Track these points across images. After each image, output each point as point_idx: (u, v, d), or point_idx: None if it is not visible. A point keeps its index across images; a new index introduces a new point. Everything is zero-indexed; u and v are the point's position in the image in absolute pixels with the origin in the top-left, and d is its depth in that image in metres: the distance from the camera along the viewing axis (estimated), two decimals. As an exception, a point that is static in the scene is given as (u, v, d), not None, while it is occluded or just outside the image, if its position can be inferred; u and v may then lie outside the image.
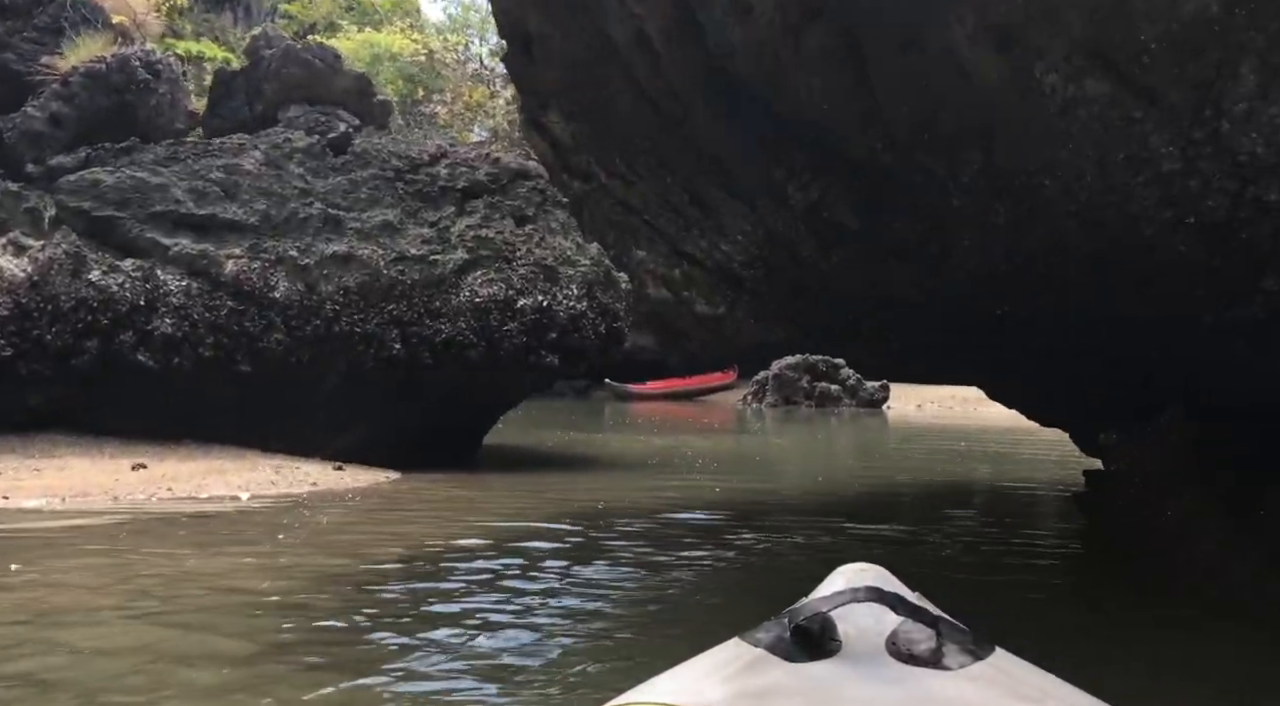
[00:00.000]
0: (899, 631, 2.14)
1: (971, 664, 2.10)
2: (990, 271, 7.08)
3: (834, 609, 2.17)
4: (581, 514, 9.15)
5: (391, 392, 12.35)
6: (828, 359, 33.51)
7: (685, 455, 15.39)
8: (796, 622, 2.14)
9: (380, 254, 12.47)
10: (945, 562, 7.67)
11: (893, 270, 7.89)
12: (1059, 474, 14.15)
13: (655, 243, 10.77)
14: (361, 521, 8.64)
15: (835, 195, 7.38)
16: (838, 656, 2.10)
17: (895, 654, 2.10)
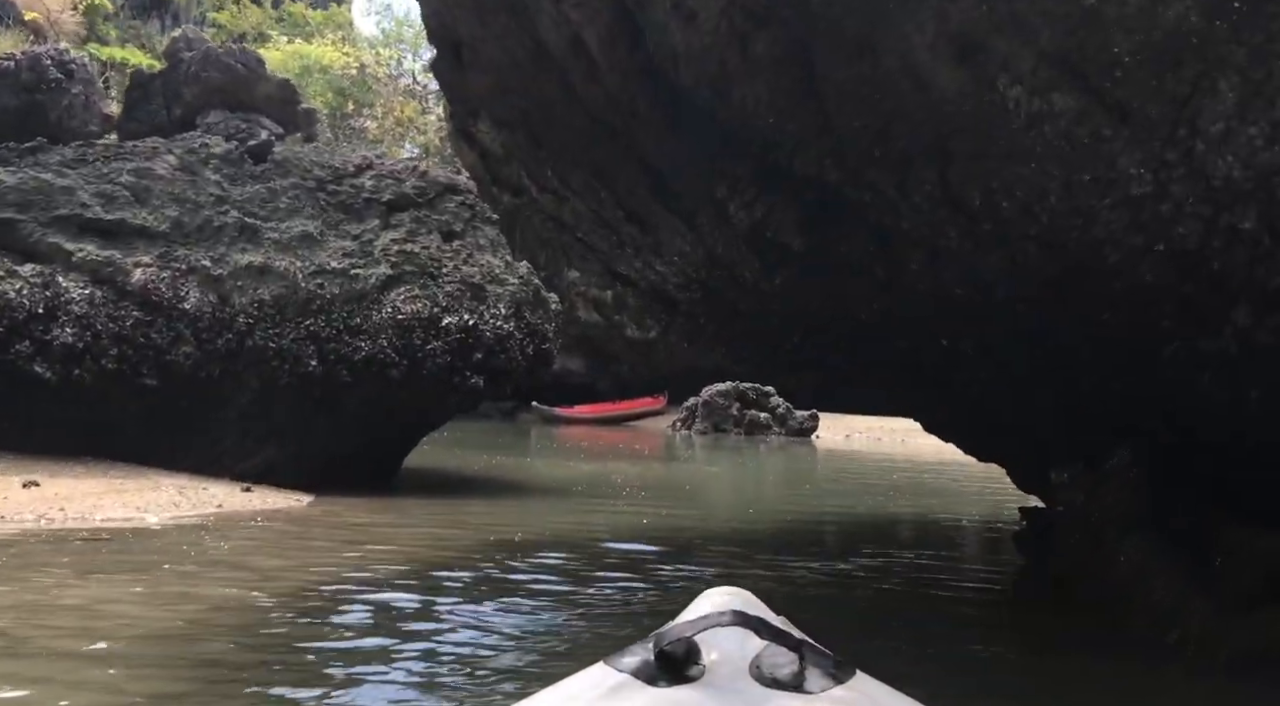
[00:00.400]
0: (762, 655, 2.14)
1: (833, 687, 2.11)
2: (940, 296, 6.77)
3: (699, 633, 2.17)
4: (499, 544, 8.68)
5: (306, 411, 11.79)
6: (757, 387, 33.33)
7: (613, 482, 14.96)
8: (661, 647, 2.12)
9: (299, 266, 11.93)
10: (881, 606, 7.33)
11: (838, 293, 7.57)
12: (991, 509, 13.96)
13: (588, 261, 10.37)
14: (264, 548, 8.09)
15: (780, 214, 7.05)
16: (701, 681, 2.09)
17: (758, 678, 2.10)
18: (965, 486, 17.52)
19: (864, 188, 6.35)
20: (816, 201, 6.90)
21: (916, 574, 8.71)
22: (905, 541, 11.12)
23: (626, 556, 8.59)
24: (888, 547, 10.24)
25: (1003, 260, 5.82)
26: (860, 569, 8.69)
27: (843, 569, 8.65)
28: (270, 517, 9.64)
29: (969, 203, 5.61)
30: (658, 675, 2.11)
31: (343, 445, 12.05)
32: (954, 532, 11.87)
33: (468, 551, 8.32)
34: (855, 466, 21.74)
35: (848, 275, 7.27)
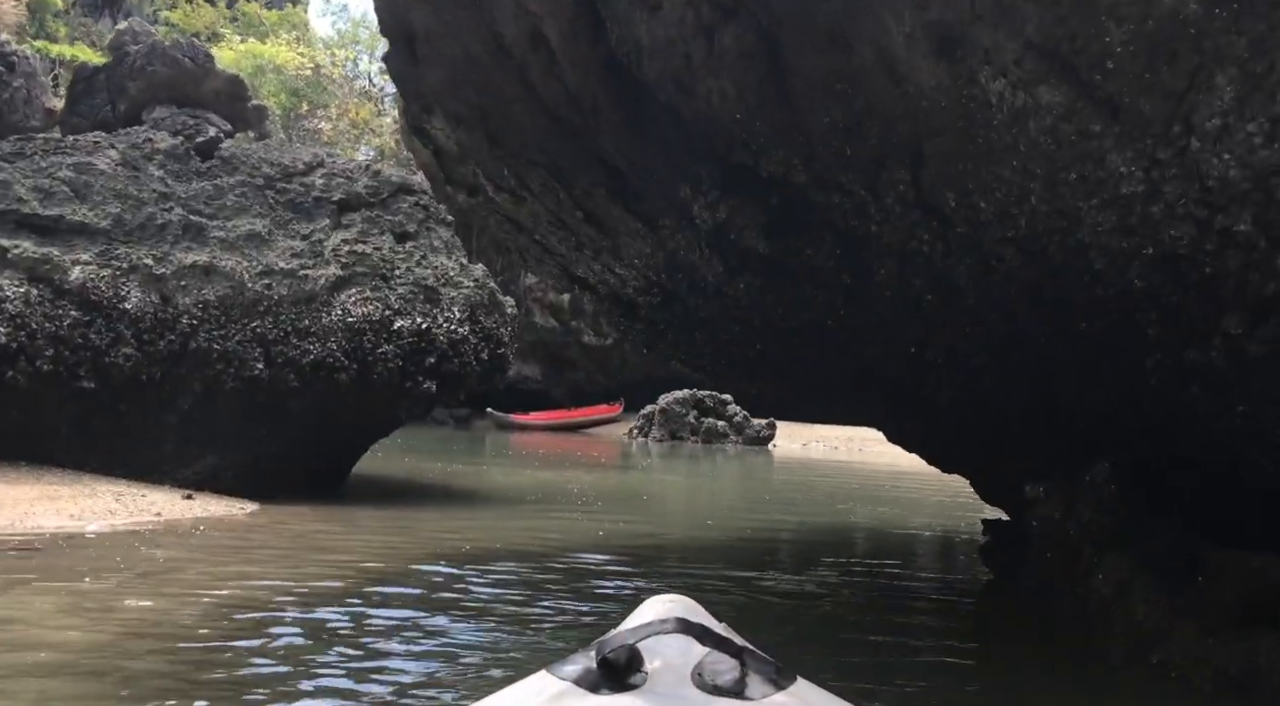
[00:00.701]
0: (704, 662, 2.16)
1: (774, 694, 2.13)
2: (909, 303, 6.54)
3: (641, 640, 2.18)
4: (448, 555, 8.35)
5: (252, 416, 11.39)
6: (715, 394, 33.15)
7: (568, 490, 14.65)
8: (603, 654, 2.12)
9: (245, 266, 11.53)
10: (842, 621, 7.08)
11: (803, 299, 7.32)
12: (950, 520, 13.79)
13: (545, 264, 10.07)
14: (202, 559, 7.71)
15: (745, 216, 6.79)
16: (643, 688, 2.10)
17: (700, 685, 2.12)
18: (923, 496, 17.37)
19: (832, 190, 6.10)
20: (782, 204, 6.65)
21: (877, 587, 8.48)
22: (864, 552, 10.89)
23: (580, 568, 8.28)
24: (847, 559, 10.01)
25: (976, 266, 5.59)
26: (819, 582, 8.45)
27: (801, 581, 8.40)
28: (211, 526, 9.25)
29: (943, 205, 5.37)
30: (600, 682, 2.11)
31: (289, 451, 11.66)
32: (914, 544, 11.67)
33: (415, 562, 7.98)
34: (813, 475, 21.56)
35: (813, 280, 7.03)
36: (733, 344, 9.07)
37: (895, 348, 7.03)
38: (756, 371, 9.55)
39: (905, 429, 9.28)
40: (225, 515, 9.98)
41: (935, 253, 5.81)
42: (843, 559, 10.04)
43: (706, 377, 10.44)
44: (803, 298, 7.16)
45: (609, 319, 10.03)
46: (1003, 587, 8.08)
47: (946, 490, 18.13)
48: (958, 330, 6.33)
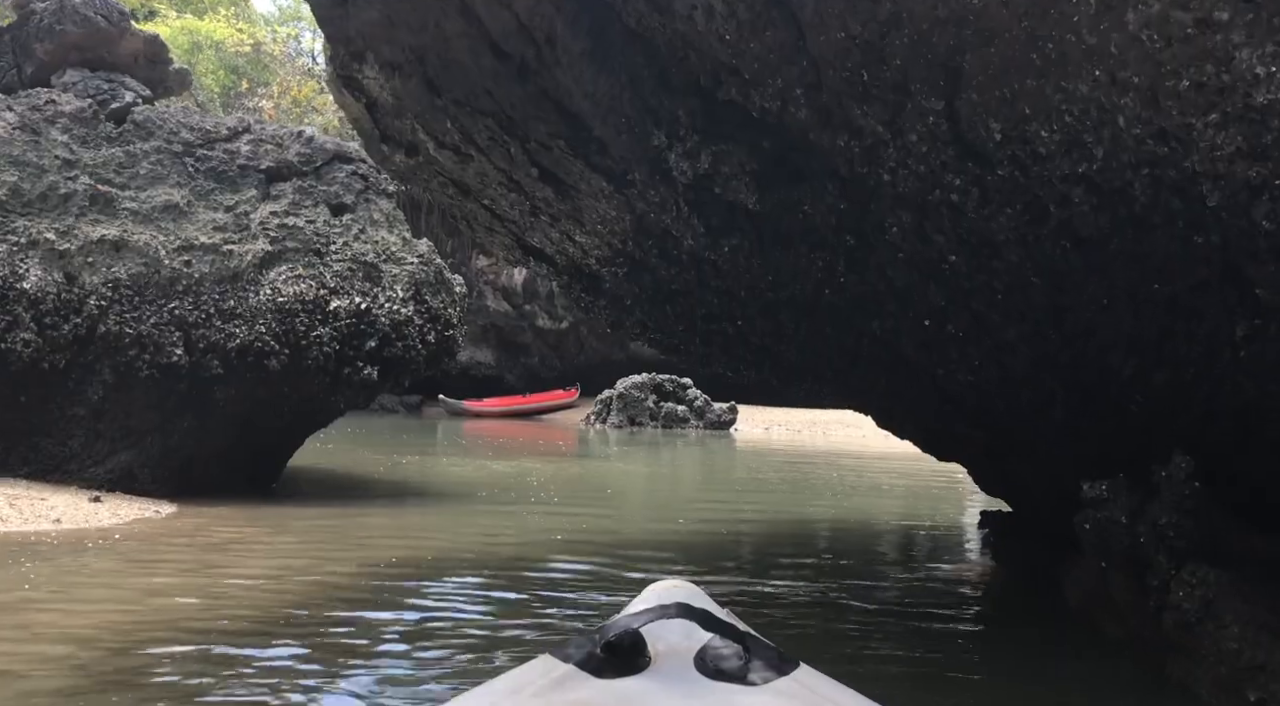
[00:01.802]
0: (707, 647, 2.18)
1: (776, 679, 2.14)
2: (929, 266, 5.53)
3: (644, 625, 2.22)
4: (387, 564, 7.28)
5: (170, 408, 10.23)
6: (674, 378, 32.18)
7: (525, 484, 13.59)
8: (607, 639, 2.14)
9: (161, 241, 10.35)
10: (853, 628, 6.10)
11: (797, 265, 6.30)
12: (934, 509, 12.88)
13: (495, 233, 8.97)
14: (95, 575, 6.59)
15: (731, 165, 5.74)
16: (647, 672, 2.11)
17: (703, 669, 2.13)
18: (896, 481, 16.47)
19: (839, 128, 5.08)
20: (776, 149, 5.63)
21: (880, 588, 7.51)
22: (858, 548, 9.92)
23: (539, 578, 7.23)
24: (837, 558, 9.04)
25: (1022, 215, 4.59)
26: (811, 585, 7.46)
27: (792, 586, 7.40)
28: (117, 534, 8.10)
29: (984, 141, 4.37)
30: (604, 666, 2.12)
31: (213, 446, 10.51)
32: (900, 537, 10.69)
33: (347, 574, 6.91)
34: (780, 463, 20.62)
35: (810, 241, 6.02)
36: (710, 319, 8.04)
37: (906, 320, 6.03)
38: (735, 351, 8.54)
39: (904, 413, 8.30)
40: (136, 519, 8.83)
41: (967, 202, 4.81)
42: (832, 557, 9.08)
43: (678, 359, 9.40)
44: (796, 263, 6.15)
45: (569, 294, 8.96)
46: (1018, 587, 7.15)
47: (924, 476, 17.26)
48: (988, 297, 5.34)
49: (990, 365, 5.78)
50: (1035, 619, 6.72)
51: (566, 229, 7.86)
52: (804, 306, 6.73)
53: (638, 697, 2.07)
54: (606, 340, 41.46)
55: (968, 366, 5.92)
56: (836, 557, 9.01)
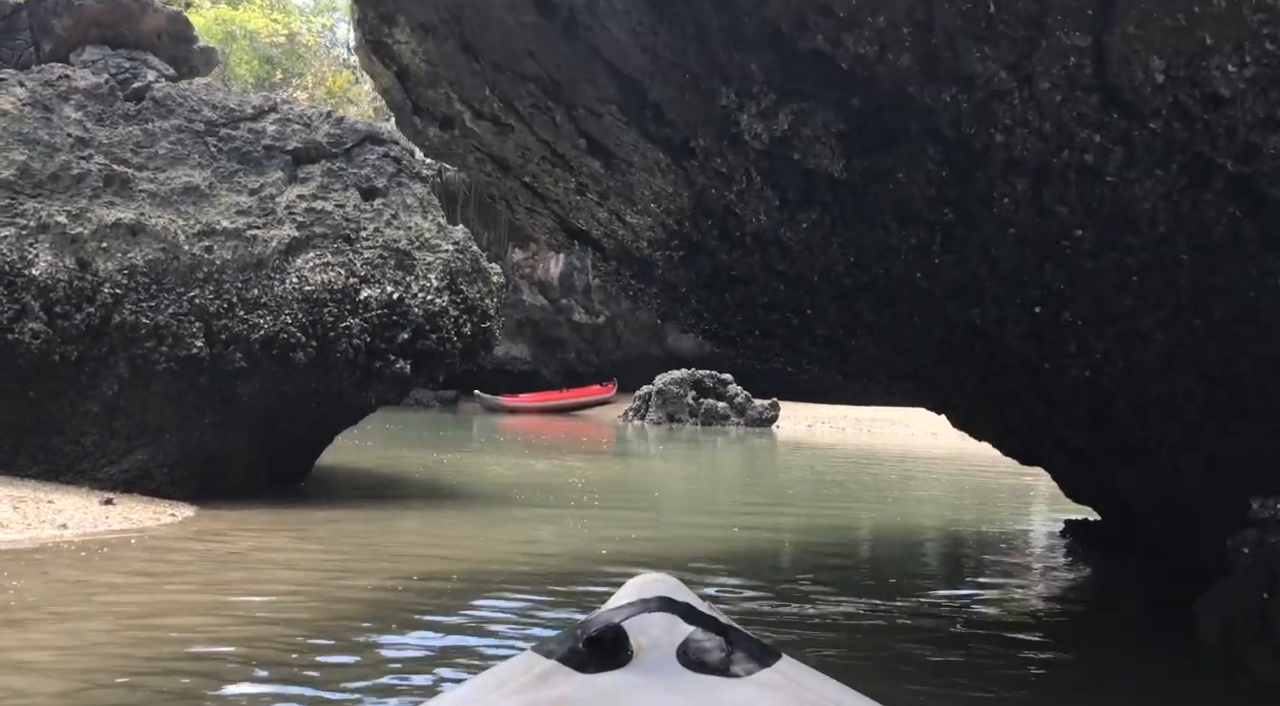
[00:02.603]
0: (690, 640, 2.19)
1: (759, 670, 2.15)
2: (1045, 242, 4.76)
3: (626, 619, 2.22)
4: (413, 579, 6.56)
5: (190, 404, 9.58)
6: (714, 374, 31.41)
7: (564, 485, 12.88)
8: (589, 633, 2.15)
9: (181, 225, 9.70)
10: (941, 677, 5.32)
11: (885, 244, 5.55)
12: (999, 514, 12.04)
13: (537, 215, 8.24)
14: (92, 592, 5.90)
15: (814, 126, 4.97)
16: (629, 666, 2.12)
17: (686, 662, 2.14)
18: (953, 483, 15.63)
19: (946, 80, 4.32)
20: (868, 107, 4.87)
21: (940, 606, 6.72)
22: (933, 561, 9.14)
23: (583, 591, 6.46)
24: (898, 569, 8.25)
25: (1178, 177, 3.82)
26: (873, 604, 6.67)
27: (871, 604, 6.61)
28: (124, 543, 7.44)
29: (1137, 87, 3.60)
30: (586, 661, 2.11)
31: (235, 444, 9.85)
32: (968, 545, 9.85)
33: (373, 593, 6.19)
34: (829, 462, 19.81)
35: (902, 215, 5.26)
36: (773, 309, 7.28)
37: (1012, 307, 5.25)
38: (800, 344, 7.78)
39: (990, 414, 7.50)
40: (149, 525, 8.17)
41: (1106, 164, 4.03)
42: (897, 570, 8.28)
43: (734, 353, 8.64)
44: (884, 241, 5.38)
45: (617, 281, 8.22)
46: (1117, 609, 6.35)
47: (981, 476, 16.42)
48: (1118, 278, 4.55)
49: (1115, 358, 4.99)
50: (1144, 650, 5.92)
51: (616, 208, 7.12)
52: (888, 293, 5.96)
53: (620, 691, 2.08)
54: (644, 335, 40.74)
55: (1086, 360, 5.13)
56: (902, 571, 8.22)
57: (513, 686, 2.12)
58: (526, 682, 2.12)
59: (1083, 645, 6.08)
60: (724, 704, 2.07)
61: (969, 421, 8.30)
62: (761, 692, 2.11)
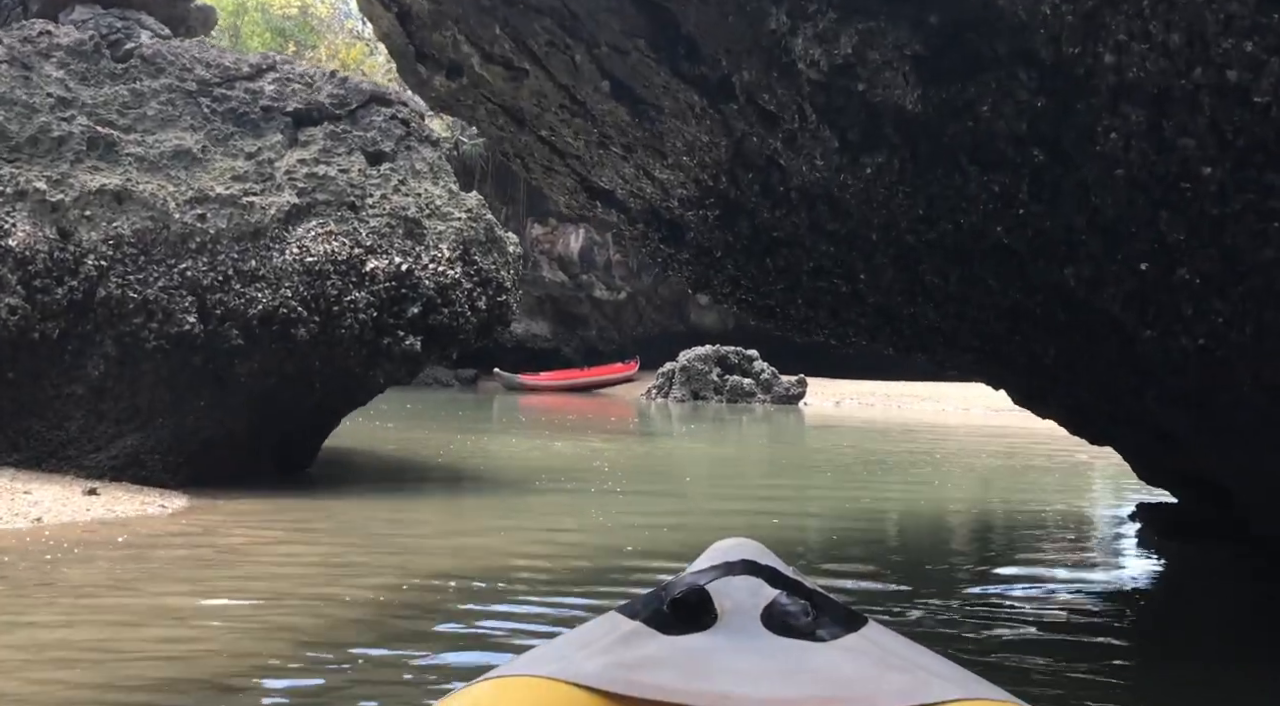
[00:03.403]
0: (774, 603, 2.19)
1: (844, 635, 2.14)
2: (1158, 187, 3.99)
3: (710, 582, 2.23)
4: (421, 580, 5.82)
5: (183, 384, 8.89)
6: (739, 350, 30.66)
7: (588, 467, 12.16)
8: (673, 595, 2.16)
9: (171, 191, 8.98)
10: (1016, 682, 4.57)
11: (961, 192, 4.78)
12: (1052, 495, 11.24)
13: (555, 173, 7.47)
14: (55, 596, 5.18)
15: (883, 49, 4.18)
16: (713, 628, 2.13)
17: (770, 626, 2.14)
18: (1000, 461, 14.82)
19: (1051, -16, 3.56)
20: (947, 25, 4.10)
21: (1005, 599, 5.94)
22: (967, 545, 8.37)
23: (613, 592, 5.70)
24: (952, 557, 7.49)
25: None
26: (945, 607, 5.90)
27: (944, 605, 5.85)
28: (103, 537, 6.74)
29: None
30: (670, 622, 2.12)
31: (233, 428, 9.17)
32: (1024, 529, 9.03)
33: (376, 595, 5.45)
34: (862, 440, 19.02)
35: (984, 158, 4.48)
36: (820, 274, 6.50)
37: (1113, 265, 4.46)
38: (848, 314, 7.00)
39: (1064, 390, 6.71)
40: (135, 517, 7.48)
41: (1259, 80, 3.25)
42: (951, 558, 7.52)
43: (774, 326, 7.87)
44: (960, 189, 4.61)
45: (644, 246, 7.45)
46: (1200, 603, 5.56)
47: (1025, 454, 15.63)
48: (1255, 226, 3.76)
49: (1241, 323, 4.20)
50: (1245, 652, 5.15)
51: (643, 162, 6.35)
52: (958, 251, 5.18)
53: (705, 653, 2.04)
54: (666, 311, 39.99)
55: (1204, 326, 4.34)
56: (956, 559, 7.47)
57: (597, 646, 2.09)
58: (611, 642, 2.09)
59: (1169, 647, 5.31)
60: (809, 667, 2.04)
61: (1034, 398, 7.50)
62: (847, 657, 2.07)
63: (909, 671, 2.07)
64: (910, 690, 1.98)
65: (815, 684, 1.99)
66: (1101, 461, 13.94)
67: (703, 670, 2.00)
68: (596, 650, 2.07)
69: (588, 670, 2.00)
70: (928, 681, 2.04)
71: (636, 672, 1.98)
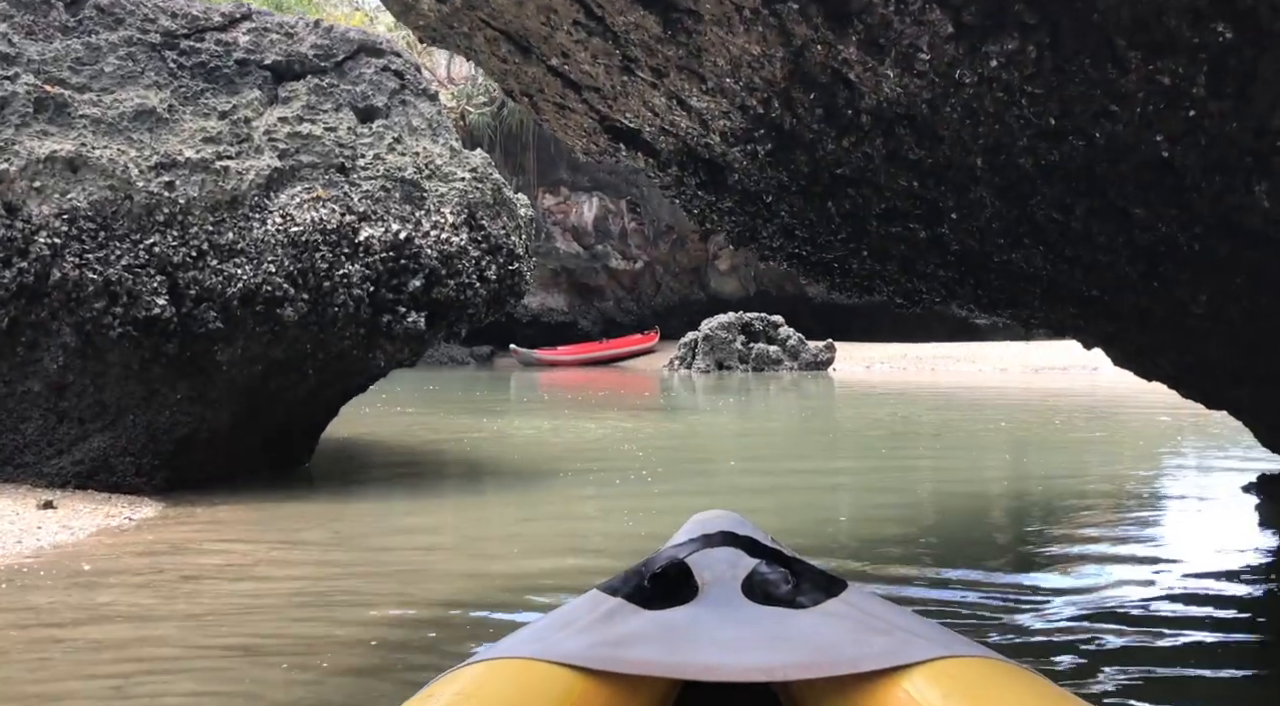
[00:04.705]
0: (754, 573, 2.27)
1: (825, 600, 2.18)
2: None
3: (690, 555, 2.32)
4: (423, 608, 4.74)
5: (156, 376, 7.83)
6: (764, 316, 29.53)
7: (617, 450, 11.09)
8: (653, 570, 2.22)
9: (133, 157, 7.89)
10: None
11: (1117, 92, 3.63)
12: (1131, 465, 10.08)
13: (569, 112, 6.30)
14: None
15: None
16: (695, 601, 2.18)
17: (751, 594, 2.20)
18: (1075, 423, 13.66)
19: None
20: None
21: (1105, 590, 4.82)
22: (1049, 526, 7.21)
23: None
24: (1036, 539, 6.34)
25: None
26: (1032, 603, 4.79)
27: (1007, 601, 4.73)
28: (51, 563, 5.65)
29: None
30: (652, 597, 2.17)
31: (215, 423, 8.12)
32: (1149, 507, 7.92)
33: (367, 635, 4.36)
34: (903, 408, 17.89)
35: (1150, 38, 3.35)
36: (894, 218, 5.36)
37: None
38: (922, 266, 5.88)
39: (1186, 346, 5.56)
40: (96, 531, 6.40)
41: None
42: (1035, 539, 6.38)
43: (829, 285, 6.76)
44: (1114, 84, 3.48)
45: (679, 195, 6.29)
46: None
47: (1082, 419, 14.48)
48: None
49: None
50: None
51: (677, 88, 5.19)
52: (1090, 176, 4.04)
53: (687, 626, 2.07)
54: (685, 279, 38.87)
55: None
56: (1038, 541, 6.32)
57: (579, 625, 2.09)
58: (593, 620, 2.10)
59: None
60: (791, 633, 2.05)
61: (1143, 355, 6.36)
62: (829, 621, 2.08)
63: (890, 633, 2.08)
64: (892, 651, 1.99)
65: (798, 650, 2.00)
66: (1188, 420, 12.82)
67: (686, 642, 2.03)
68: (579, 628, 2.09)
69: (571, 648, 2.00)
70: (909, 641, 2.04)
71: (620, 649, 1.99)
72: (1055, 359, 28.15)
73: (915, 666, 1.95)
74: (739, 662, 1.95)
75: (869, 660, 1.95)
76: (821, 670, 1.94)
